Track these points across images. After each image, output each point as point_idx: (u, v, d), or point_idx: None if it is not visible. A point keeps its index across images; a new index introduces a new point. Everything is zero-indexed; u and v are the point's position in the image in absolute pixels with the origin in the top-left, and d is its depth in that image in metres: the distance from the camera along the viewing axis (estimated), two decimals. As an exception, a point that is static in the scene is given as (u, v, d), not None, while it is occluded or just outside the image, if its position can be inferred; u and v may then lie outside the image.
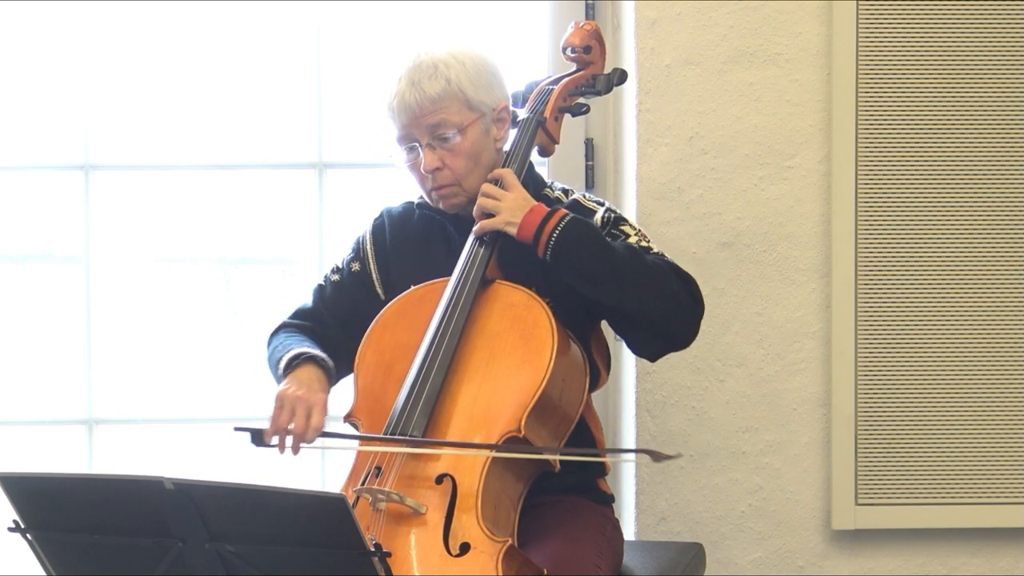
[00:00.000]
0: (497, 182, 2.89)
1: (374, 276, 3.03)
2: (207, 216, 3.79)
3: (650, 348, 2.94)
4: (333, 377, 2.91)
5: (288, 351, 2.90)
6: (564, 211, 2.84)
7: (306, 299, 3.07)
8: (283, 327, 3.03)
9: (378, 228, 3.06)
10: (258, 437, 2.79)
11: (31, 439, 3.79)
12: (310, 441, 2.78)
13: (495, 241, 2.88)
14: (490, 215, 2.86)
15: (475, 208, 2.89)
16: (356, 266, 3.05)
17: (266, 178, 3.79)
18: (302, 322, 3.02)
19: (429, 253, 2.99)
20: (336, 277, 3.06)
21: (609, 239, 2.86)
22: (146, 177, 3.78)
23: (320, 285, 3.07)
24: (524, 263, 2.89)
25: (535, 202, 2.86)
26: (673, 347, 2.93)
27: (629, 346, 2.95)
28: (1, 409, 3.77)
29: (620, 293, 2.81)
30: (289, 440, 2.78)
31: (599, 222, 2.92)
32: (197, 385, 3.80)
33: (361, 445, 2.78)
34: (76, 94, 3.73)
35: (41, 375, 3.79)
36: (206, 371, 3.81)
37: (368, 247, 3.05)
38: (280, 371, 2.88)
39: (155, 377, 3.80)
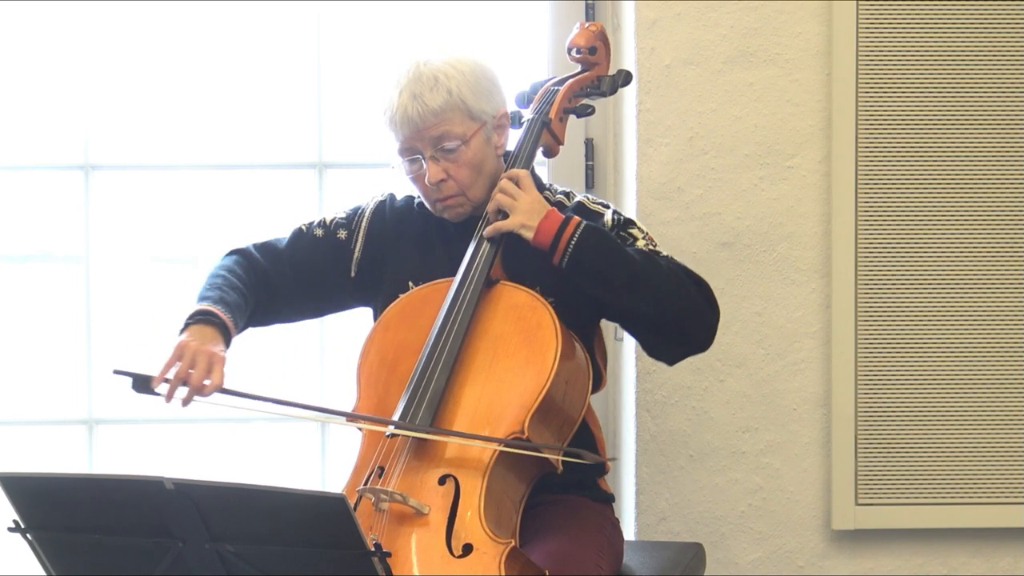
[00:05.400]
0: (516, 182, 2.89)
1: (355, 254, 3.02)
2: (207, 216, 3.79)
3: (669, 353, 2.95)
4: (228, 344, 2.84)
5: (204, 301, 2.85)
6: (578, 219, 2.84)
7: (283, 235, 3.04)
8: (240, 254, 3.00)
9: (379, 210, 3.05)
10: (142, 384, 2.73)
11: (31, 439, 3.79)
12: (206, 395, 2.73)
13: (501, 240, 2.87)
14: (502, 215, 2.85)
15: (490, 204, 2.88)
16: (343, 234, 3.03)
17: (266, 178, 3.79)
18: (261, 259, 2.99)
19: (427, 251, 2.99)
20: (319, 232, 3.03)
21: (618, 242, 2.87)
22: (146, 177, 3.78)
23: (300, 230, 3.04)
24: (528, 262, 2.89)
25: (549, 207, 2.86)
26: (691, 351, 2.93)
27: (647, 351, 2.96)
28: (1, 409, 3.77)
29: (638, 299, 2.82)
30: (181, 391, 2.73)
31: (608, 224, 2.93)
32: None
33: (257, 408, 2.74)
34: (76, 94, 3.73)
35: (41, 375, 3.79)
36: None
37: (363, 224, 3.04)
38: (187, 315, 2.83)
39: (155, 377, 3.79)
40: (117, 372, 2.74)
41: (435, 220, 3.00)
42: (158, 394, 2.74)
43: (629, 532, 3.54)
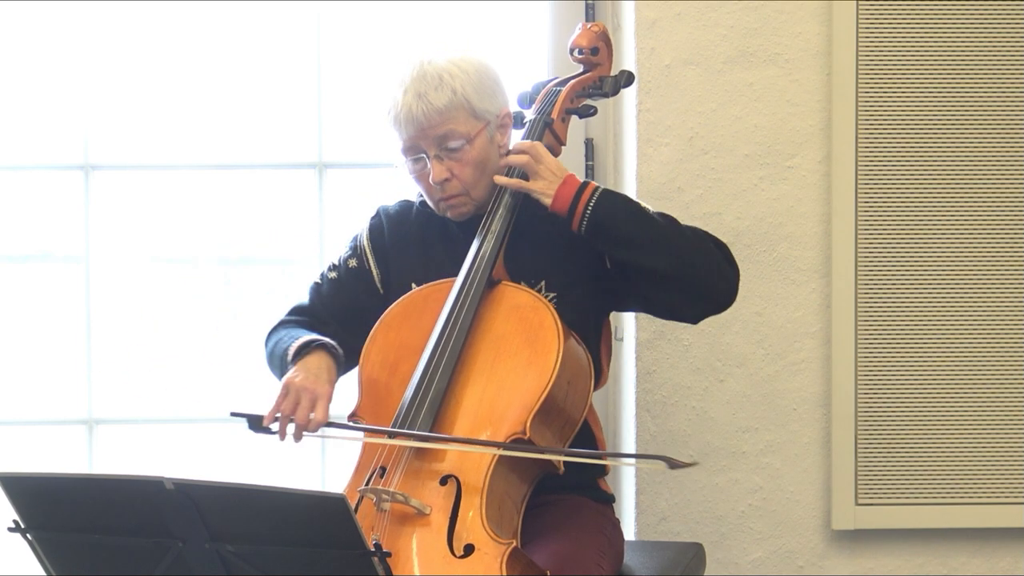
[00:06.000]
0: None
1: (374, 273, 3.03)
2: (207, 216, 3.79)
3: (692, 309, 2.94)
4: (342, 366, 2.89)
5: (297, 339, 2.88)
6: (595, 184, 2.86)
7: (302, 297, 3.05)
8: (282, 324, 3.01)
9: (375, 227, 3.05)
10: (256, 423, 2.76)
11: (31, 439, 3.79)
12: (312, 431, 2.76)
13: (504, 238, 2.87)
14: (521, 174, 2.87)
15: (510, 158, 2.88)
16: (354, 263, 3.04)
17: (266, 178, 3.79)
18: (300, 318, 3.01)
19: (428, 251, 2.99)
20: (333, 275, 3.04)
21: None
22: (146, 177, 3.78)
23: (316, 283, 3.05)
24: (530, 259, 2.90)
25: (568, 172, 2.87)
26: (715, 307, 2.92)
27: (669, 313, 2.97)
28: (1, 409, 3.77)
29: (660, 255, 2.82)
30: (291, 428, 2.75)
31: None
32: (197, 385, 3.81)
33: (366, 437, 2.78)
34: (76, 94, 3.73)
35: (41, 375, 3.79)
36: (206, 371, 3.81)
37: (366, 244, 3.04)
38: (289, 357, 2.85)
39: (155, 377, 3.80)
40: (234, 414, 2.77)
41: (436, 220, 3.00)
42: (273, 432, 2.76)
43: (629, 532, 3.54)
